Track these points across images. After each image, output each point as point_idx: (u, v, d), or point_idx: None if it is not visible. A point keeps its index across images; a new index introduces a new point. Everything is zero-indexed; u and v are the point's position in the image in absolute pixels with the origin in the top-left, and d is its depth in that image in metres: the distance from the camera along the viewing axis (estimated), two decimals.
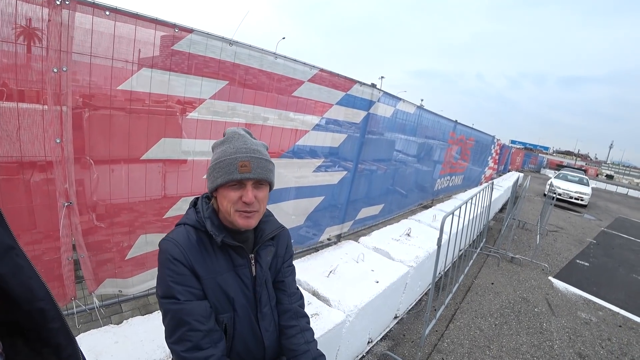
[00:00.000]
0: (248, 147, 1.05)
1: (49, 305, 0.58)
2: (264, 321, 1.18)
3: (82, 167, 1.66)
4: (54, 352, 0.60)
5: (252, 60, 2.14)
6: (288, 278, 1.31)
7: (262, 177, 1.05)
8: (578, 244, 7.14)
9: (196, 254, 1.04)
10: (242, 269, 1.13)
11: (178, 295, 0.99)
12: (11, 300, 0.53)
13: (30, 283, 0.55)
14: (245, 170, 1.01)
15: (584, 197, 12.87)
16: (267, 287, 1.21)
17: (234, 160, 1.02)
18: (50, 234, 1.63)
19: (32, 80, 1.41)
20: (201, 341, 0.99)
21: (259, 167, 1.04)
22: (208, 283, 1.05)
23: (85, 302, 1.92)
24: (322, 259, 2.82)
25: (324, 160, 3.13)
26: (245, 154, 1.03)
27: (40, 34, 1.38)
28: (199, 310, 1.01)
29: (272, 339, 1.21)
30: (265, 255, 1.20)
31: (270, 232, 1.20)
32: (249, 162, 1.02)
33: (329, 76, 2.80)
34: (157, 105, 1.83)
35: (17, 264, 0.54)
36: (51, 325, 0.59)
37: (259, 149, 1.07)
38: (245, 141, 1.07)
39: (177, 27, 1.75)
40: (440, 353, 2.84)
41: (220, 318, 1.08)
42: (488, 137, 10.37)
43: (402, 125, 4.65)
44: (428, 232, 4.10)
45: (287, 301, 1.28)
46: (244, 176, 1.01)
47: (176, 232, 1.08)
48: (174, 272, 1.00)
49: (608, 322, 3.92)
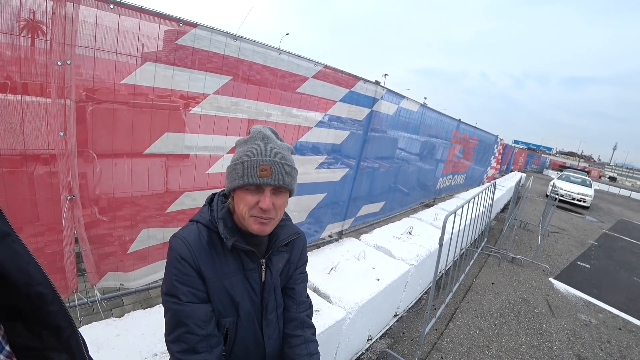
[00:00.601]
0: (271, 151, 0.99)
1: (47, 289, 0.59)
2: (268, 328, 1.15)
3: (85, 160, 1.66)
4: (54, 334, 0.61)
5: (256, 56, 2.13)
6: (299, 285, 1.27)
7: (282, 184, 0.99)
8: (579, 246, 7.13)
9: (205, 255, 1.02)
10: (252, 273, 1.09)
11: (180, 296, 0.98)
12: (10, 284, 0.54)
13: (28, 268, 0.56)
14: (265, 175, 0.96)
15: (586, 199, 12.84)
16: (275, 294, 1.17)
17: (254, 163, 0.96)
18: (53, 226, 1.64)
19: (36, 74, 1.41)
20: (197, 345, 0.98)
21: (280, 173, 0.98)
22: (214, 285, 1.03)
23: (87, 295, 1.94)
24: (324, 255, 2.82)
25: (326, 157, 3.13)
26: (268, 157, 0.97)
27: (45, 27, 1.38)
28: (199, 314, 0.99)
29: (274, 347, 1.18)
30: (277, 261, 1.16)
31: (285, 238, 1.16)
32: (270, 167, 0.97)
33: (333, 73, 2.79)
34: (160, 100, 1.83)
35: (14, 250, 0.55)
36: (50, 308, 0.60)
37: (283, 153, 1.01)
38: (270, 143, 1.00)
39: (182, 21, 1.74)
40: (440, 352, 2.84)
41: (223, 322, 1.06)
42: (491, 137, 10.33)
43: (405, 123, 4.64)
44: (430, 230, 4.10)
45: (295, 309, 1.24)
46: (263, 181, 0.96)
47: (188, 230, 1.05)
48: (179, 271, 0.98)
49: (608, 324, 3.92)
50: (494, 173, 12.06)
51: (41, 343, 0.61)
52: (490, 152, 10.61)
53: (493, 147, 10.76)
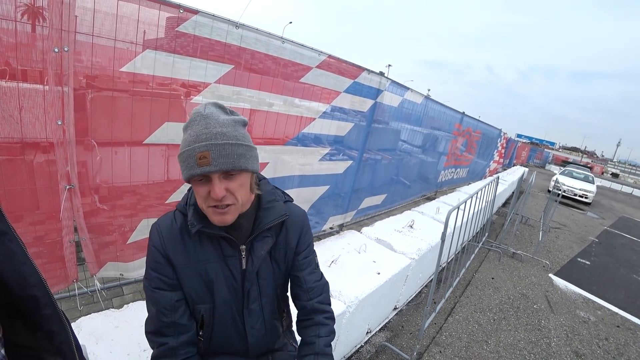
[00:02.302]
0: (209, 132, 0.85)
1: (41, 292, 0.58)
2: (250, 317, 1.10)
3: (84, 149, 1.63)
4: (47, 338, 0.61)
5: (258, 45, 2.08)
6: (304, 272, 1.18)
7: (226, 167, 0.86)
8: (580, 242, 7.12)
9: (174, 242, 1.00)
10: (232, 260, 1.04)
11: (151, 281, 1.00)
12: (3, 285, 0.53)
13: (22, 270, 0.56)
14: (205, 162, 0.84)
15: (588, 195, 12.78)
16: (259, 283, 1.10)
17: (192, 152, 0.85)
18: (52, 215, 1.62)
19: (33, 60, 1.37)
20: (164, 329, 1.01)
21: (221, 157, 0.85)
22: (184, 272, 1.00)
23: (87, 285, 1.93)
24: (325, 248, 2.81)
25: (329, 149, 3.09)
26: (205, 142, 0.85)
27: (41, 12, 1.34)
28: (164, 302, 1.00)
29: (258, 336, 1.13)
30: (260, 247, 1.06)
31: (268, 222, 1.05)
32: (209, 152, 0.84)
33: (337, 63, 2.73)
34: (161, 88, 1.79)
35: (9, 250, 0.54)
36: (43, 311, 0.59)
37: (224, 131, 0.87)
38: (208, 124, 0.86)
39: (182, 7, 1.69)
40: (438, 346, 2.85)
41: (198, 308, 1.04)
42: (495, 131, 10.24)
43: (408, 115, 4.58)
44: (431, 224, 4.08)
45: (305, 297, 1.18)
46: (204, 170, 0.85)
47: (165, 217, 1.04)
48: (152, 258, 1.00)
49: (606, 321, 3.92)
50: (497, 167, 12.00)
51: (37, 344, 0.61)
52: (494, 146, 10.54)
53: (496, 141, 10.68)
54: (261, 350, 1.18)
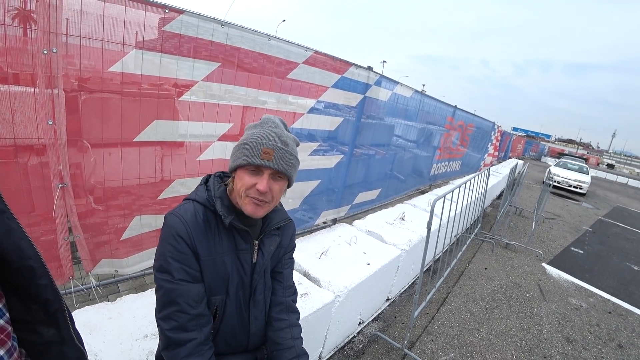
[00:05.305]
0: (277, 137, 1.03)
1: (37, 264, 0.62)
2: (255, 308, 1.18)
3: (75, 149, 1.67)
4: (42, 308, 0.64)
5: (245, 42, 2.12)
6: (287, 270, 1.32)
7: (282, 169, 1.02)
8: (574, 232, 7.20)
9: (200, 234, 1.03)
10: (244, 253, 1.12)
11: (174, 273, 0.99)
12: (3, 258, 0.57)
13: (20, 243, 0.59)
14: (267, 157, 0.99)
15: (582, 186, 12.89)
16: (265, 276, 1.21)
17: (259, 145, 1.00)
18: (46, 215, 1.66)
19: (23, 62, 1.41)
20: (187, 323, 1.00)
21: (281, 159, 1.01)
22: (207, 264, 1.05)
23: (82, 282, 1.97)
24: (315, 241, 2.86)
25: (320, 144, 3.14)
26: (272, 142, 1.01)
27: (29, 14, 1.38)
28: (192, 294, 1.00)
29: (259, 327, 1.22)
30: (269, 244, 1.19)
31: (277, 222, 1.20)
32: (273, 151, 1.00)
33: (324, 58, 2.78)
34: (148, 88, 1.83)
35: (8, 226, 0.58)
36: (39, 281, 0.63)
37: (288, 142, 1.05)
38: (277, 130, 1.05)
39: (168, 7, 1.73)
40: (430, 335, 2.91)
41: (213, 300, 1.08)
42: (488, 124, 10.30)
43: (398, 109, 4.62)
44: (423, 216, 4.13)
45: (282, 293, 1.28)
46: (264, 163, 0.99)
47: (184, 208, 1.06)
48: (175, 248, 0.99)
49: (598, 308, 4.00)
50: (492, 160, 12.07)
51: (32, 317, 0.64)
52: (487, 139, 10.60)
53: (490, 133, 10.74)
54: (258, 342, 1.25)
